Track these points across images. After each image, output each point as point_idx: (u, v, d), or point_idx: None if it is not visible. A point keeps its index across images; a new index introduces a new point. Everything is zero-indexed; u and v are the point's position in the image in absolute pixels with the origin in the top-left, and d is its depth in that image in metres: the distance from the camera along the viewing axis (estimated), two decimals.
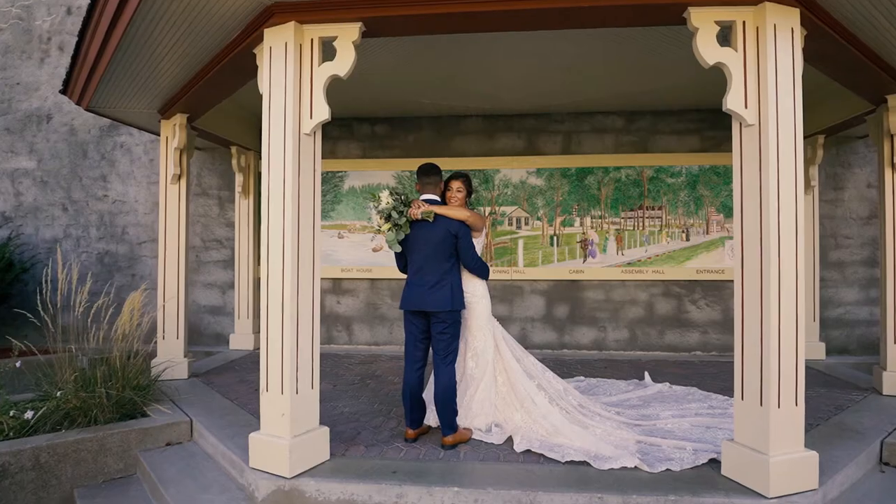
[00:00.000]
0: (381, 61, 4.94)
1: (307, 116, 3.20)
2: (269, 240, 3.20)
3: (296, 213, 3.15)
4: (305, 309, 3.21)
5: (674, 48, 4.66)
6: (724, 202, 6.69)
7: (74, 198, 7.85)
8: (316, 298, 3.28)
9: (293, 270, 3.13)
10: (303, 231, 3.19)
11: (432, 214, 3.45)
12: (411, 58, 4.93)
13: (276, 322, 3.16)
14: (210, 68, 4.18)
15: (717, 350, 6.69)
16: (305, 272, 3.21)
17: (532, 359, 4.04)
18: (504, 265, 6.83)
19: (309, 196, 3.24)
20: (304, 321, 3.21)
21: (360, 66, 5.33)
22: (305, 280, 3.21)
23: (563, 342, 6.81)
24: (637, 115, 6.82)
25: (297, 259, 3.16)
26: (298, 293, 3.16)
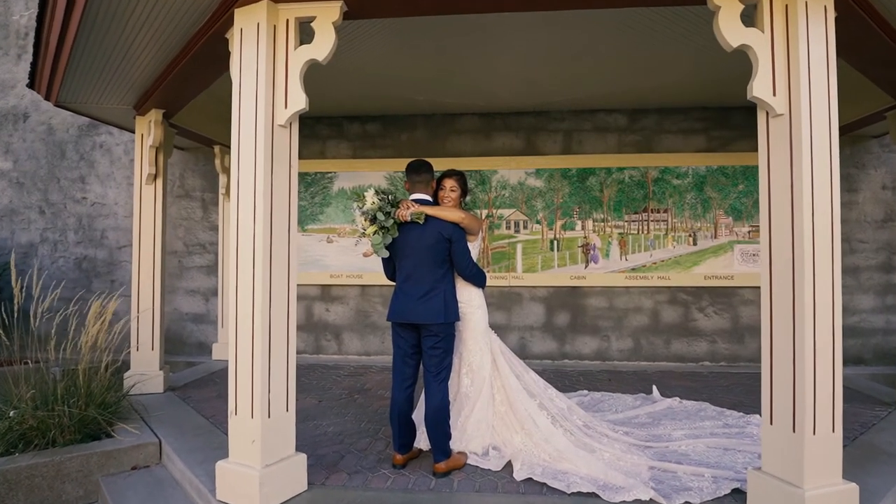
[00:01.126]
0: (371, 54, 4.62)
1: (281, 106, 2.86)
2: (238, 244, 2.86)
3: (268, 213, 2.81)
4: (279, 322, 2.86)
5: (681, 40, 4.35)
6: (732, 204, 6.36)
7: (52, 200, 7.48)
8: (292, 309, 2.93)
9: (265, 278, 2.79)
10: (276, 234, 2.84)
11: (423, 216, 3.10)
12: (403, 51, 4.61)
13: (245, 337, 2.81)
14: (182, 57, 3.85)
15: (726, 360, 6.35)
16: (279, 280, 2.86)
17: (533, 374, 3.69)
18: (502, 271, 6.49)
19: (283, 195, 2.89)
20: (278, 335, 2.86)
21: (350, 59, 5.07)
22: (279, 289, 2.86)
23: (563, 352, 6.46)
24: (641, 114, 6.49)
25: (270, 265, 2.81)
26: (271, 304, 2.81)
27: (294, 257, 2.94)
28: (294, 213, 2.96)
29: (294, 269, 2.94)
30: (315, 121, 6.84)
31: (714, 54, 4.79)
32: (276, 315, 2.84)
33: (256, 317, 2.78)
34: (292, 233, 2.94)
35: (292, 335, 2.93)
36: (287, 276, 2.90)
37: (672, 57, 4.72)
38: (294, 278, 2.94)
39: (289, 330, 2.91)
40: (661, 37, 4.30)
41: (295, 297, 2.95)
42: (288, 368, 2.92)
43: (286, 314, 2.89)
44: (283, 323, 2.87)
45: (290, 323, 2.91)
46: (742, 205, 6.35)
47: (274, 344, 2.84)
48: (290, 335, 2.92)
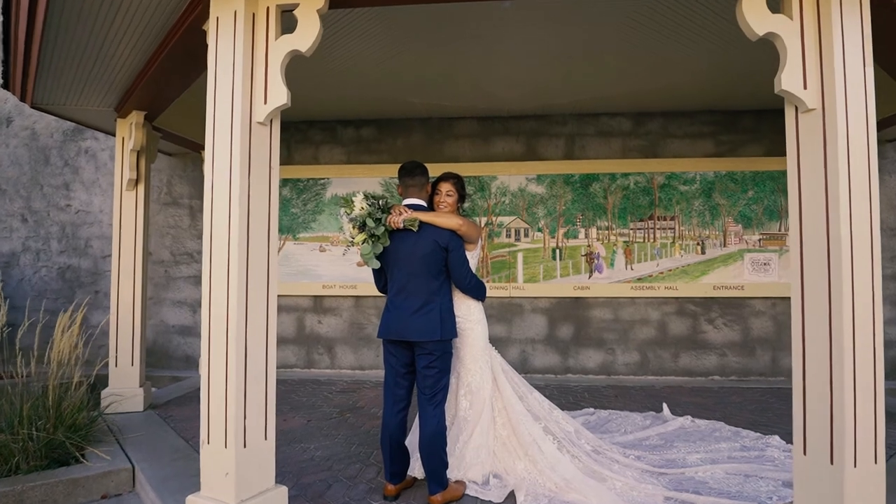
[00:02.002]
0: (364, 55, 4.42)
1: (260, 101, 2.60)
2: (211, 253, 2.58)
3: (244, 220, 2.53)
4: (257, 340, 2.58)
5: (689, 40, 4.13)
6: (742, 212, 6.10)
7: (35, 208, 7.21)
8: (272, 326, 2.65)
9: (240, 291, 2.51)
10: (254, 242, 2.57)
11: (417, 222, 2.83)
12: (397, 51, 4.39)
13: (218, 357, 2.53)
14: (159, 53, 3.60)
15: (736, 374, 6.07)
16: (257, 293, 2.58)
17: (537, 395, 3.40)
18: (502, 281, 6.21)
19: (262, 199, 2.62)
20: (256, 355, 2.58)
21: (342, 60, 4.83)
22: (257, 303, 2.58)
23: (567, 366, 6.17)
24: (646, 117, 6.25)
25: (247, 277, 2.53)
26: (248, 320, 2.53)
27: (274, 268, 2.66)
28: (275, 220, 2.69)
29: (274, 282, 2.66)
30: (308, 125, 6.60)
31: (723, 54, 4.63)
32: (253, 332, 2.56)
33: (231, 334, 2.49)
34: (272, 241, 2.66)
35: (272, 355, 2.65)
36: (266, 289, 2.62)
37: (679, 57, 4.50)
38: (274, 291, 2.66)
39: (268, 349, 2.63)
40: (669, 36, 4.08)
41: (275, 312, 2.67)
42: (267, 392, 2.63)
43: (265, 331, 2.61)
44: (261, 341, 2.59)
45: (269, 341, 2.63)
46: (752, 212, 6.09)
47: (251, 365, 2.55)
48: (270, 355, 2.64)
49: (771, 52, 2.56)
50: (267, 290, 2.63)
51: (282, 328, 6.49)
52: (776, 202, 6.07)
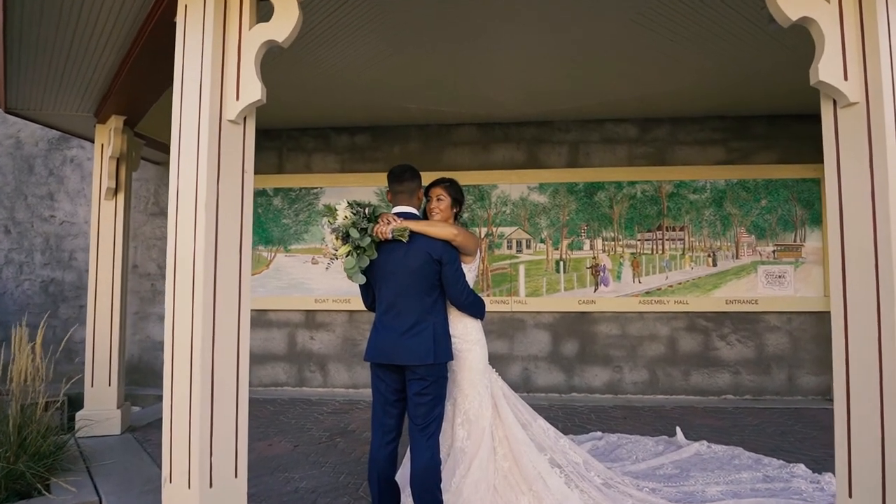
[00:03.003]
0: (357, 58, 4.19)
1: (232, 97, 2.33)
2: (175, 267, 2.29)
3: (212, 229, 2.25)
4: (225, 364, 2.29)
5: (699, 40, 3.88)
6: (755, 222, 5.81)
7: (18, 219, 6.94)
8: (243, 348, 2.36)
9: (206, 309, 2.22)
10: (223, 254, 2.28)
11: (407, 232, 2.54)
12: (392, 55, 4.16)
13: (181, 382, 2.24)
14: (132, 51, 3.34)
15: (751, 393, 5.74)
16: (226, 311, 2.29)
17: (542, 422, 3.09)
18: (503, 294, 5.92)
19: (233, 206, 2.34)
20: (224, 381, 2.28)
21: (334, 64, 4.58)
22: (226, 322, 2.29)
23: (571, 385, 5.85)
24: (653, 123, 5.98)
25: (214, 293, 2.24)
26: (215, 341, 2.24)
27: (246, 284, 2.37)
28: (248, 229, 2.40)
29: (246, 298, 2.37)
30: (300, 132, 6.34)
31: (735, 56, 4.37)
32: (221, 356, 2.26)
33: (196, 358, 2.20)
34: (245, 254, 2.38)
35: (243, 381, 2.35)
36: (237, 307, 2.33)
37: (689, 59, 4.27)
38: (246, 309, 2.37)
39: (238, 375, 2.33)
40: (677, 36, 3.84)
41: (247, 333, 2.37)
42: (237, 422, 2.33)
43: (235, 354, 2.32)
44: (230, 366, 2.30)
45: (240, 366, 2.33)
46: (765, 222, 5.80)
47: (218, 392, 2.26)
48: (241, 381, 2.34)
49: (788, 52, 2.28)
50: (238, 307, 2.33)
51: (272, 344, 6.19)
52: (791, 211, 5.78)
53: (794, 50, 4.13)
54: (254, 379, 6.17)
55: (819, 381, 5.69)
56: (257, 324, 6.22)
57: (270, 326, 6.22)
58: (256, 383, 6.18)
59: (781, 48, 4.10)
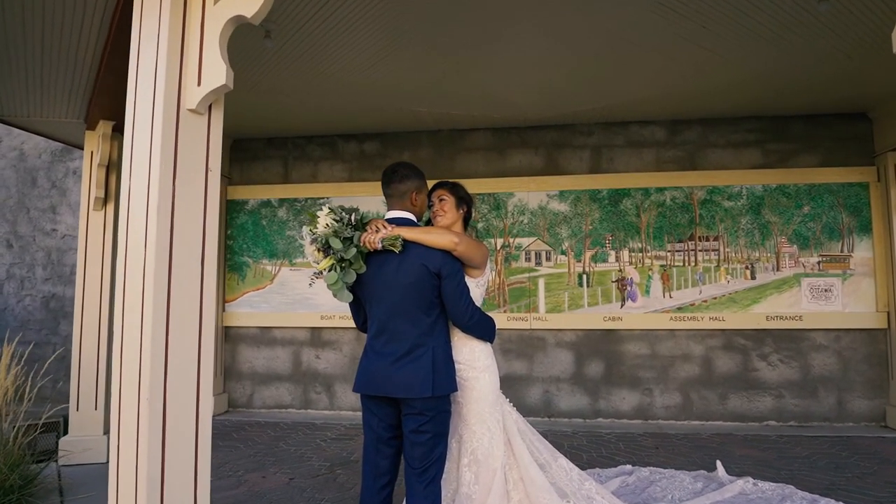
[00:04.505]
0: (362, 59, 3.90)
1: (193, 82, 1.98)
2: (125, 281, 1.94)
3: (166, 236, 1.90)
4: (181, 396, 1.92)
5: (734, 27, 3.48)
6: (797, 230, 5.31)
7: (20, 232, 6.76)
8: (205, 378, 1.99)
9: (157, 329, 1.86)
10: (179, 267, 1.93)
11: (399, 241, 2.16)
12: (398, 55, 3.85)
13: (129, 425, 1.87)
14: (106, 47, 3.06)
15: (796, 419, 5.20)
16: (183, 336, 1.92)
17: (563, 461, 2.65)
18: (521, 311, 5.49)
19: (195, 210, 1.99)
20: (181, 423, 1.91)
21: (338, 66, 4.28)
22: (182, 347, 1.92)
23: (597, 409, 5.38)
24: (682, 125, 5.55)
25: (168, 313, 1.88)
26: (167, 372, 1.87)
27: (210, 303, 2.01)
28: (213, 237, 2.04)
29: (209, 321, 2.00)
30: (306, 140, 6.05)
31: (776, 46, 3.93)
32: (176, 389, 1.89)
33: (144, 388, 1.83)
34: (209, 266, 2.02)
35: (205, 415, 1.98)
36: (197, 332, 1.96)
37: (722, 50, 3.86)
38: (209, 334, 2.00)
39: (200, 408, 1.96)
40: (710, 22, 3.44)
41: (211, 363, 2.00)
42: (197, 466, 1.95)
43: (195, 387, 1.94)
44: (186, 400, 1.92)
45: (200, 400, 1.96)
46: (808, 230, 5.29)
47: (172, 427, 1.88)
48: (202, 416, 1.96)
49: (836, 40, 1.86)
50: (198, 333, 1.97)
51: (277, 364, 5.85)
52: (837, 219, 5.26)
53: (842, 37, 3.70)
54: (257, 401, 5.84)
55: (872, 406, 5.12)
56: (261, 342, 5.90)
57: (274, 344, 5.88)
58: (260, 405, 5.84)
59: (829, 35, 3.67)
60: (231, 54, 1.90)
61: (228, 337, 5.95)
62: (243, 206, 6.01)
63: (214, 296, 2.02)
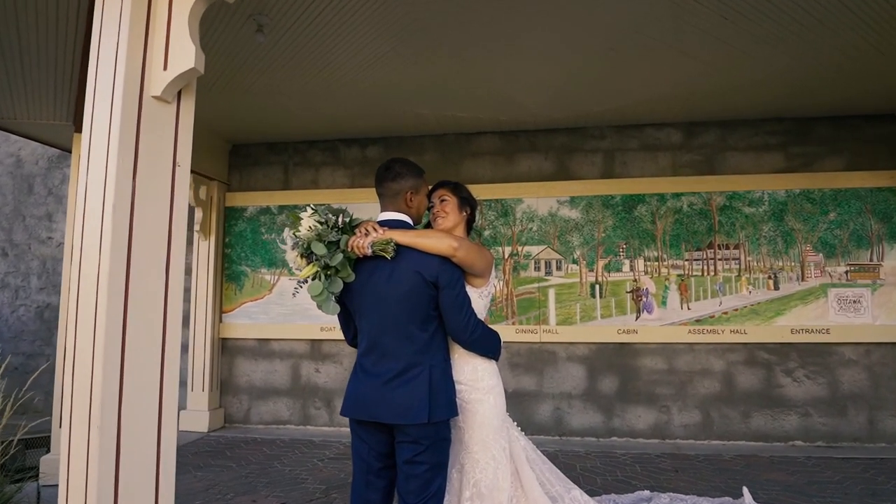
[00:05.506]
0: (367, 55, 3.69)
1: (158, 66, 1.77)
2: (78, 288, 1.71)
3: (124, 239, 1.67)
4: (140, 424, 1.68)
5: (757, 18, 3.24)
6: (822, 238, 5.01)
7: (16, 241, 6.60)
8: (169, 400, 1.75)
9: (111, 344, 1.62)
10: (140, 272, 1.69)
11: (391, 246, 1.91)
12: (400, 55, 3.66)
13: (79, 448, 1.63)
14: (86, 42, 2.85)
15: (823, 439, 4.87)
16: (142, 350, 1.69)
17: (577, 493, 2.38)
18: (530, 323, 5.22)
19: (159, 209, 1.76)
20: (137, 445, 1.67)
21: (340, 69, 4.09)
22: (141, 364, 1.69)
23: (611, 427, 5.08)
24: (699, 127, 5.28)
25: (124, 325, 1.65)
26: (122, 391, 1.64)
27: (176, 315, 1.77)
28: (180, 240, 1.81)
29: (174, 336, 1.77)
30: (307, 145, 5.85)
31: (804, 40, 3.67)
32: (133, 416, 1.65)
33: (94, 420, 1.60)
34: (175, 271, 1.78)
35: (168, 455, 1.73)
36: (160, 347, 1.72)
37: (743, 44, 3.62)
38: (174, 350, 1.76)
39: (161, 447, 1.71)
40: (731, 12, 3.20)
41: (175, 384, 1.76)
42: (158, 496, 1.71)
43: (156, 415, 1.70)
44: (146, 434, 1.68)
45: (163, 435, 1.71)
46: (835, 238, 4.99)
47: (128, 471, 1.64)
48: (164, 456, 1.72)
49: (871, 36, 1.61)
50: (162, 345, 1.73)
51: (275, 377, 5.61)
52: (865, 226, 4.96)
53: (878, 32, 3.45)
54: (254, 416, 5.60)
55: None
56: (259, 354, 5.67)
57: (273, 357, 5.65)
58: (257, 420, 5.59)
59: (863, 31, 3.42)
60: (222, 53, 1.74)
61: (225, 349, 5.72)
62: (242, 213, 5.81)
63: (180, 308, 1.79)
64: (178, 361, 1.77)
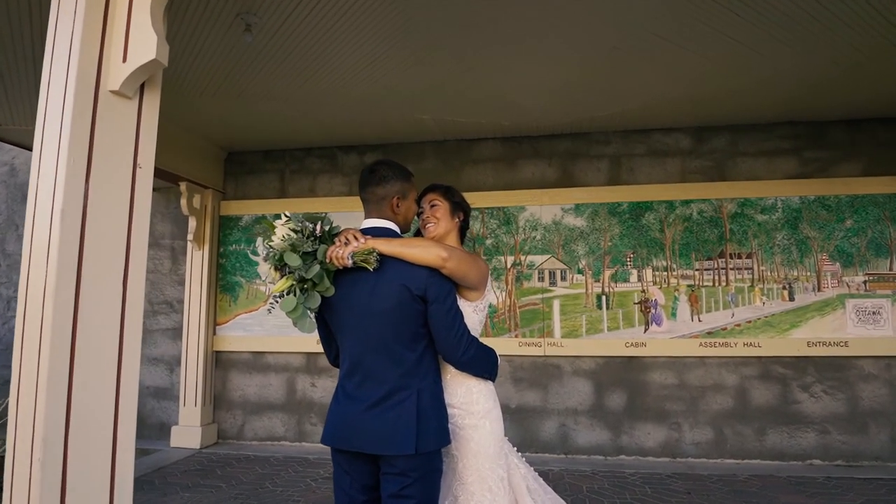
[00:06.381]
0: (364, 57, 3.55)
1: (117, 58, 1.60)
2: (25, 303, 1.54)
3: (75, 249, 1.50)
4: (90, 458, 1.50)
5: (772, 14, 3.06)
6: (839, 246, 4.80)
7: (9, 251, 6.47)
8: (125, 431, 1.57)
9: (57, 367, 1.44)
10: (92, 284, 1.52)
11: (374, 256, 1.73)
12: (399, 50, 3.53)
13: (21, 484, 1.45)
14: None
15: (843, 458, 4.63)
16: (93, 373, 1.51)
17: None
18: (534, 335, 5.02)
19: (116, 215, 1.59)
20: (85, 482, 1.49)
21: (334, 74, 3.95)
22: (92, 390, 1.51)
23: (619, 445, 4.85)
24: (709, 132, 5.10)
25: (72, 345, 1.47)
26: (69, 420, 1.46)
27: (135, 335, 1.60)
28: (140, 249, 1.64)
29: (133, 359, 1.59)
30: (304, 152, 5.70)
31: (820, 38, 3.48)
32: (81, 449, 1.47)
33: (37, 452, 1.42)
34: (134, 284, 1.61)
35: (124, 494, 1.55)
36: (115, 370, 1.55)
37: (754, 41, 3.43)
38: (132, 374, 1.59)
39: (115, 486, 1.53)
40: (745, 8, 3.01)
41: (133, 412, 1.59)
42: None
43: (110, 447, 1.52)
44: (97, 469, 1.50)
45: (118, 471, 1.53)
46: (853, 246, 4.78)
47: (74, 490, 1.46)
48: (119, 494, 1.53)
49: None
50: (118, 368, 1.56)
51: (269, 392, 5.43)
52: (884, 233, 4.75)
53: None
54: (248, 432, 5.41)
55: None
56: (254, 368, 5.49)
57: (268, 371, 5.47)
58: (251, 436, 5.40)
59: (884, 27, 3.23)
60: (211, 56, 1.58)
61: (219, 362, 5.55)
62: (237, 222, 5.65)
63: (139, 328, 1.61)
64: (136, 387, 1.59)
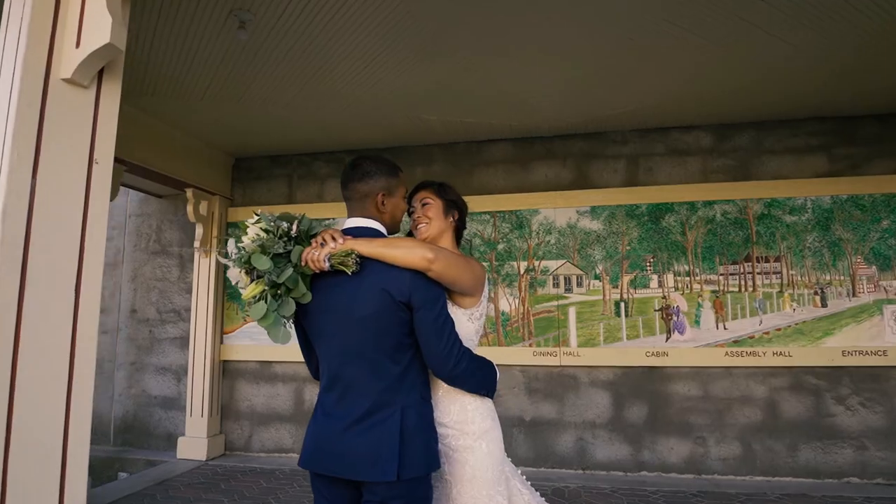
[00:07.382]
0: (356, 52, 3.40)
1: (70, 43, 1.47)
2: None
3: (18, 251, 1.35)
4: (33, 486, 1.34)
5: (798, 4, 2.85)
6: (875, 248, 4.50)
7: None
8: (76, 458, 1.41)
9: None
10: (38, 294, 1.37)
11: (353, 258, 1.55)
12: (397, 56, 3.38)
13: None
14: None
15: (883, 476, 4.31)
16: (37, 391, 1.36)
17: None
18: (549, 345, 4.80)
19: (70, 216, 1.44)
20: None
21: (336, 76, 3.82)
22: (37, 410, 1.36)
23: (640, 460, 4.59)
24: (731, 130, 4.84)
25: (13, 362, 1.32)
26: (8, 447, 1.30)
27: (90, 350, 1.44)
28: (96, 254, 1.49)
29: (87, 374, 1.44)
30: (311, 157, 5.59)
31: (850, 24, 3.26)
32: (23, 482, 1.32)
33: None
34: (88, 296, 1.46)
35: None
36: (66, 387, 1.40)
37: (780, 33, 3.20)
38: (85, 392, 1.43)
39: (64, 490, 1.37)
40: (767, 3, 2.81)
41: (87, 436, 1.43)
42: None
43: (58, 476, 1.37)
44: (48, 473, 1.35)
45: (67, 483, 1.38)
46: (889, 248, 4.48)
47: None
48: None
49: None
50: (68, 385, 1.41)
51: (277, 402, 5.29)
52: None
53: None
54: (255, 444, 5.28)
55: None
56: (261, 377, 5.37)
57: (275, 381, 5.34)
58: (258, 448, 5.27)
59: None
60: (209, 59, 1.44)
61: (226, 372, 5.44)
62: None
63: (94, 342, 1.46)
64: (89, 405, 1.44)
